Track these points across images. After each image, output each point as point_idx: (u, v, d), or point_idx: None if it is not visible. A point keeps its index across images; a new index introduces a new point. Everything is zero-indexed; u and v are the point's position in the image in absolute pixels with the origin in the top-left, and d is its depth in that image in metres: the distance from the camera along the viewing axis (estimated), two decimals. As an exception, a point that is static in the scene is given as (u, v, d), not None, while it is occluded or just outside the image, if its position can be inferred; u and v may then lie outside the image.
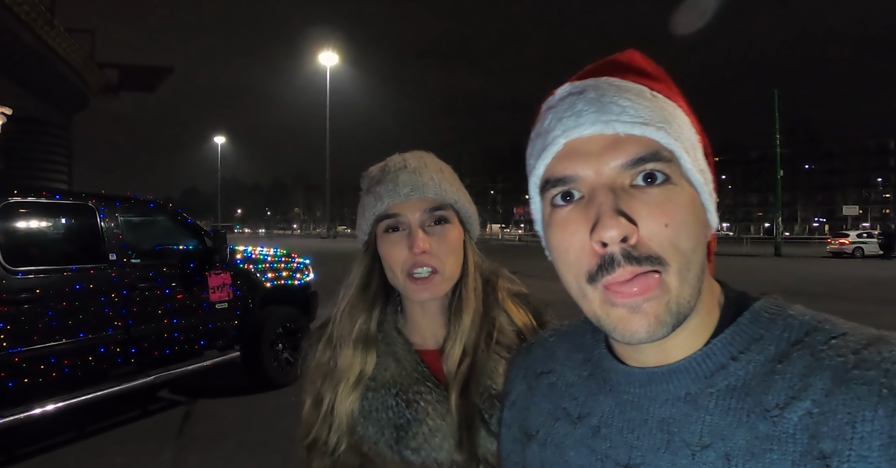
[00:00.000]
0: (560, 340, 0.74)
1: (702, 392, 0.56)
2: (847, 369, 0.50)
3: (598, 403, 0.64)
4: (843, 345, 0.52)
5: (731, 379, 0.55)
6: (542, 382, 0.72)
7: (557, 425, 0.67)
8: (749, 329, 0.57)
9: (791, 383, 0.52)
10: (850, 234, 33.31)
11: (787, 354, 0.53)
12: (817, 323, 0.55)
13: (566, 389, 0.68)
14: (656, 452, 0.57)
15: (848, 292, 14.62)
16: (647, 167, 0.54)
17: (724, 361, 0.56)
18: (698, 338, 0.58)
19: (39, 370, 4.00)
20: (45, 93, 32.31)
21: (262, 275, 6.02)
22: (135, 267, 4.70)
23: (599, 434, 0.62)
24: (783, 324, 0.56)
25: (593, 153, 0.55)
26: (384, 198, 1.00)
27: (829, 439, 0.48)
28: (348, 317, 1.05)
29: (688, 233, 0.54)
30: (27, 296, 3.95)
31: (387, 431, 0.98)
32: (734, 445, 0.52)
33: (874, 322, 0.54)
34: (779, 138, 33.28)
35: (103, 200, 4.62)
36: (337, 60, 64.73)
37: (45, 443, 4.51)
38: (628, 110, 0.55)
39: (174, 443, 4.63)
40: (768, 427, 0.51)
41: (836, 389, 0.49)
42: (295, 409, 4.52)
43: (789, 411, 0.51)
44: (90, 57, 36.21)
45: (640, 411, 0.59)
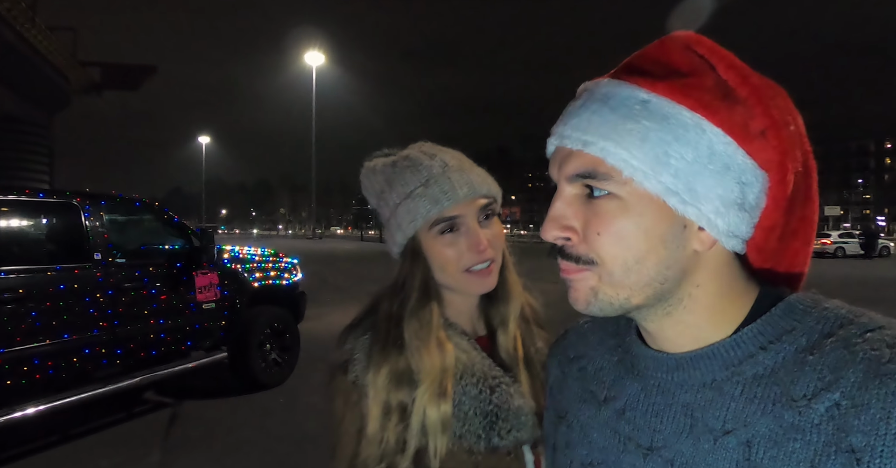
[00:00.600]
0: (594, 326, 0.76)
1: (728, 379, 0.56)
2: (882, 363, 0.49)
3: (625, 387, 0.65)
4: (878, 339, 0.51)
5: (758, 367, 0.55)
6: (574, 367, 0.74)
7: (583, 407, 0.69)
8: (782, 320, 0.56)
9: (821, 374, 0.51)
10: (832, 235, 33.78)
11: (820, 346, 0.53)
12: (853, 316, 0.55)
13: (595, 373, 0.70)
14: (678, 436, 0.57)
15: (830, 291, 14.76)
16: (587, 183, 0.58)
17: (753, 350, 0.56)
18: (719, 330, 0.58)
19: (23, 372, 3.93)
20: (26, 91, 31.85)
21: (249, 275, 5.96)
22: (120, 266, 4.62)
23: (624, 416, 0.63)
24: (817, 317, 0.56)
25: (555, 162, 0.61)
26: (441, 200, 0.98)
27: (861, 433, 0.47)
28: (418, 321, 1.00)
29: (629, 244, 0.56)
30: (10, 296, 3.87)
31: (476, 420, 0.96)
32: (756, 432, 0.52)
33: None
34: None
35: (88, 199, 4.54)
36: (323, 60, 64.54)
37: (28, 447, 4.43)
38: (581, 124, 0.58)
39: (161, 445, 4.57)
40: (793, 416, 0.51)
41: (870, 383, 0.48)
42: (283, 410, 4.48)
43: (817, 402, 0.50)
44: (72, 55, 35.75)
45: (665, 396, 0.60)
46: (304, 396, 5.72)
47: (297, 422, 4.99)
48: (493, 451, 0.97)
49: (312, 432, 4.67)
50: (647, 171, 0.55)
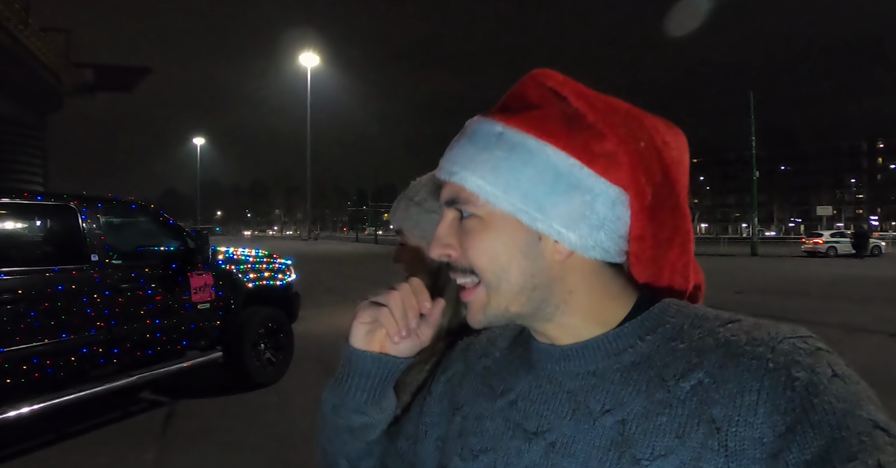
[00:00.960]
0: (504, 331, 0.81)
1: (609, 367, 0.63)
2: (739, 345, 0.56)
3: (520, 380, 0.71)
4: (737, 328, 0.59)
5: (636, 356, 0.62)
6: (479, 364, 0.79)
7: (480, 400, 0.74)
8: (657, 317, 0.64)
9: (689, 358, 0.58)
10: (825, 234, 33.95)
11: (689, 336, 0.61)
12: (717, 313, 0.63)
13: (496, 370, 0.76)
14: (562, 420, 0.63)
15: (820, 290, 14.94)
16: (457, 207, 0.68)
17: (633, 341, 0.63)
18: (599, 329, 0.66)
19: (21, 371, 4.00)
20: (19, 92, 31.70)
21: (243, 276, 6.04)
22: (117, 267, 4.71)
23: (516, 406, 0.69)
24: (687, 314, 0.64)
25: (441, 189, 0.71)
26: None
27: (720, 406, 0.54)
28: None
29: (493, 256, 0.65)
30: (9, 297, 3.95)
31: None
32: (631, 411, 0.59)
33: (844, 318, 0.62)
34: (754, 140, 33.80)
35: (85, 201, 4.62)
36: (317, 61, 64.46)
37: (26, 445, 4.50)
38: (449, 159, 0.68)
39: (157, 443, 4.65)
40: (663, 394, 0.58)
41: (729, 363, 0.55)
42: (276, 408, 4.58)
43: (684, 380, 0.57)
44: (66, 56, 35.59)
45: (553, 384, 0.67)
46: (298, 395, 5.80)
47: (291, 420, 5.08)
48: None
49: (305, 430, 4.74)
50: (499, 194, 0.64)
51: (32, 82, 32.70)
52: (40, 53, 33.02)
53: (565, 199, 0.63)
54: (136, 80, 42.98)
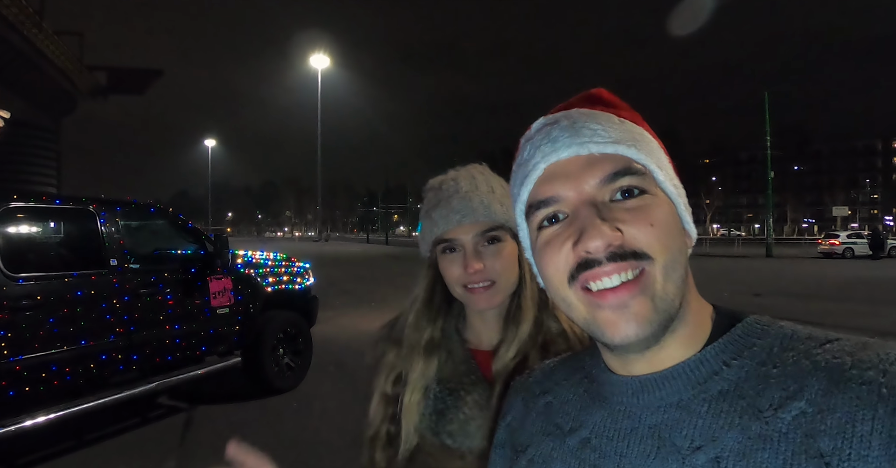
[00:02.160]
0: (560, 364, 0.76)
1: (695, 397, 0.57)
2: (844, 370, 0.50)
3: (591, 416, 0.64)
4: (838, 349, 0.53)
5: (723, 383, 0.56)
6: (539, 402, 0.72)
7: (547, 440, 0.67)
8: (742, 338, 0.58)
9: (785, 385, 0.52)
10: (841, 235, 33.59)
11: (781, 359, 0.54)
12: (809, 332, 0.57)
13: (560, 407, 0.69)
14: (646, 458, 0.57)
15: (840, 292, 14.74)
16: (624, 181, 0.59)
17: (718, 367, 0.57)
18: (689, 349, 0.59)
19: (41, 378, 3.94)
20: (33, 96, 32.05)
21: (262, 280, 5.97)
22: (136, 272, 4.64)
23: (589, 445, 0.62)
24: (776, 334, 0.57)
25: (572, 174, 0.60)
26: (439, 223, 1.09)
27: (828, 437, 0.48)
28: (415, 328, 1.14)
29: (671, 234, 0.58)
30: (28, 303, 3.89)
31: (429, 415, 1.08)
32: (725, 447, 0.52)
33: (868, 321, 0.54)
34: (769, 140, 33.50)
35: (104, 205, 4.56)
36: (328, 63, 64.64)
37: (46, 452, 4.45)
38: (599, 132, 0.60)
39: (177, 451, 4.58)
40: (761, 427, 0.51)
41: (834, 389, 0.50)
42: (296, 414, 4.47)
43: (783, 411, 0.51)
44: (79, 60, 35.97)
45: (631, 420, 0.60)
46: (317, 400, 5.72)
47: (311, 427, 5.00)
48: (446, 449, 1.05)
49: (325, 436, 4.67)
50: (661, 173, 0.61)
51: (46, 86, 33.05)
52: (54, 57, 33.39)
53: (682, 190, 0.63)
54: (149, 82, 43.35)
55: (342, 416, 4.98)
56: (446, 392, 1.08)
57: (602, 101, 0.66)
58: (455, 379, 1.10)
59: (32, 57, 30.81)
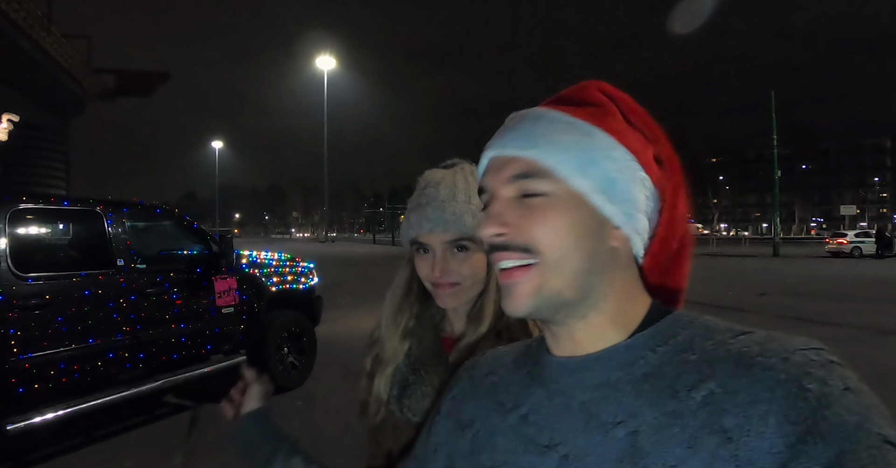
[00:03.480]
0: (510, 349, 0.82)
1: (622, 378, 0.63)
2: (752, 357, 0.56)
3: (531, 395, 0.70)
4: (749, 340, 0.59)
5: (647, 367, 0.62)
6: (486, 381, 0.79)
7: (491, 416, 0.73)
8: (669, 328, 0.64)
9: (700, 369, 0.58)
10: (849, 234, 33.35)
11: (701, 347, 0.61)
12: (728, 325, 0.63)
13: (505, 387, 0.75)
14: (575, 432, 0.63)
15: (846, 291, 14.67)
16: (525, 184, 0.66)
17: (644, 353, 0.63)
18: (617, 335, 0.66)
19: (49, 376, 4.02)
20: (42, 98, 32.22)
21: (267, 280, 6.04)
22: (142, 272, 4.72)
23: (527, 421, 0.68)
24: (699, 325, 0.64)
25: (492, 169, 0.69)
26: (414, 227, 1.19)
27: (731, 416, 0.54)
28: (392, 316, 1.24)
29: (561, 233, 0.64)
30: (37, 303, 3.97)
31: (393, 389, 1.19)
32: (643, 421, 0.59)
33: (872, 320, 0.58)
34: (776, 138, 33.35)
35: (111, 206, 4.64)
36: (334, 64, 64.78)
37: (54, 449, 4.52)
38: (517, 137, 0.68)
39: (183, 449, 4.63)
40: (675, 405, 0.58)
41: (741, 373, 0.56)
42: (301, 413, 4.52)
43: (695, 391, 0.57)
44: (87, 62, 36.13)
45: (565, 397, 0.66)
46: (322, 399, 5.78)
47: (316, 425, 5.05)
48: (409, 423, 1.14)
49: (330, 434, 4.72)
50: (574, 173, 0.65)
51: (55, 88, 33.23)
52: (62, 60, 33.54)
53: (632, 188, 0.67)
54: (156, 85, 43.51)
55: (346, 415, 5.02)
56: (410, 371, 1.19)
57: (571, 100, 0.72)
58: (420, 359, 1.20)
59: (41, 60, 30.98)
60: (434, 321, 1.27)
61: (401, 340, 1.22)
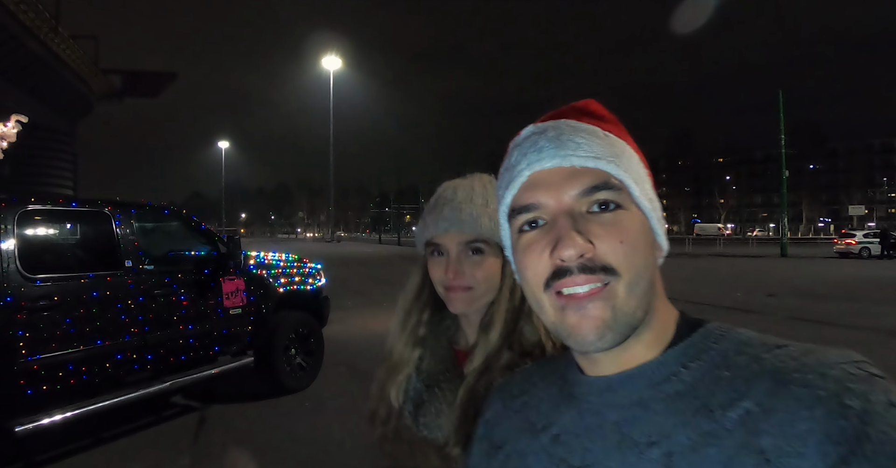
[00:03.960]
0: (538, 367, 0.81)
1: (653, 396, 0.61)
2: (788, 373, 0.54)
3: (561, 414, 0.69)
4: (784, 354, 0.57)
5: (679, 385, 0.60)
6: (517, 402, 0.77)
7: (522, 437, 0.72)
8: (701, 343, 0.62)
9: (735, 386, 0.56)
10: (857, 234, 33.14)
11: (735, 362, 0.59)
12: (763, 338, 0.61)
13: (535, 406, 0.73)
14: (607, 453, 0.61)
15: (855, 292, 14.57)
16: (601, 195, 0.62)
17: (676, 369, 0.61)
18: (652, 351, 0.64)
19: (57, 377, 4.02)
20: (49, 99, 32.42)
21: (274, 281, 6.03)
22: (150, 273, 4.71)
23: (559, 441, 0.67)
24: (732, 339, 0.61)
25: (553, 184, 0.64)
26: (430, 228, 1.18)
27: (769, 435, 0.52)
28: (402, 321, 1.22)
29: (639, 251, 0.62)
30: (45, 304, 3.96)
31: (408, 406, 1.17)
32: (677, 442, 0.57)
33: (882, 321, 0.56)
34: (784, 138, 33.17)
35: (119, 207, 4.64)
36: (340, 64, 64.86)
37: (62, 450, 4.52)
38: (583, 146, 0.64)
39: (191, 450, 4.63)
40: (710, 425, 0.55)
41: (778, 390, 0.54)
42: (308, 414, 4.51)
43: (731, 410, 0.55)
44: (94, 63, 36.33)
45: (596, 417, 0.64)
46: (329, 400, 5.77)
47: (323, 426, 5.04)
48: (424, 439, 1.13)
49: (338, 436, 4.71)
50: (636, 188, 0.64)
51: (63, 89, 33.42)
52: (70, 61, 33.74)
53: (657, 202, 0.67)
54: (163, 85, 43.71)
55: (354, 416, 5.01)
56: (424, 387, 1.17)
57: (590, 114, 0.70)
58: (434, 375, 1.18)
59: (49, 61, 31.17)
60: (448, 334, 1.25)
61: (410, 347, 1.20)
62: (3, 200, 3.94)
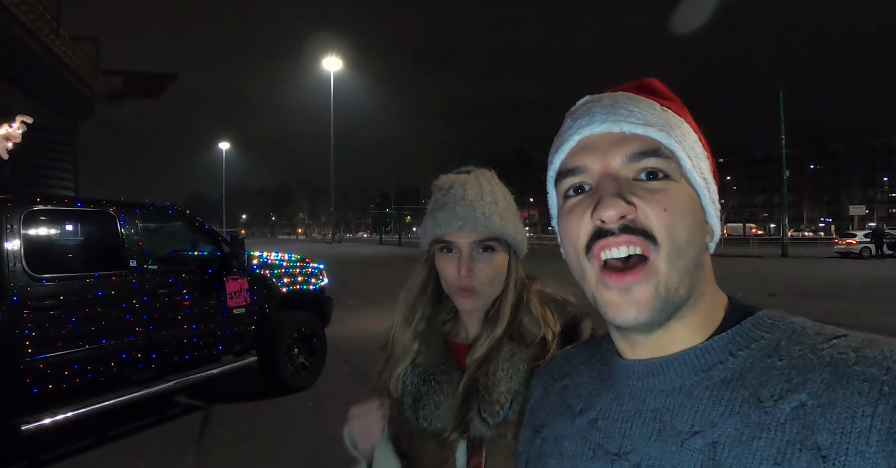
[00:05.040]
0: (580, 350, 0.80)
1: (698, 384, 0.58)
2: (849, 365, 0.51)
3: (600, 398, 0.67)
4: (844, 344, 0.53)
5: (727, 372, 0.57)
6: (557, 385, 0.76)
7: (559, 420, 0.71)
8: (751, 331, 0.59)
9: (789, 377, 0.53)
10: (858, 234, 33.11)
11: (788, 352, 0.55)
12: (819, 328, 0.57)
13: (575, 389, 0.72)
14: (647, 440, 0.59)
15: (856, 291, 14.57)
16: (649, 163, 0.61)
17: (723, 357, 0.59)
18: (697, 336, 0.61)
19: (63, 376, 4.03)
20: (50, 100, 32.44)
21: (278, 281, 6.05)
22: (155, 273, 4.73)
23: (596, 425, 0.65)
24: (785, 328, 0.58)
25: (601, 148, 0.63)
26: (441, 225, 1.17)
27: (827, 432, 0.49)
28: (406, 316, 1.24)
29: (684, 224, 0.59)
30: (50, 303, 3.98)
31: (407, 399, 1.19)
32: (723, 433, 0.54)
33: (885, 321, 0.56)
34: (784, 139, 33.15)
35: (123, 207, 4.66)
36: (340, 65, 64.86)
37: (67, 449, 4.55)
38: (635, 114, 0.63)
39: (195, 449, 4.65)
40: (759, 416, 0.53)
41: (837, 384, 0.50)
42: (311, 413, 4.52)
43: (783, 402, 0.52)
44: (95, 64, 36.36)
45: (636, 402, 0.62)
46: (332, 399, 5.78)
47: (326, 425, 5.05)
48: (423, 431, 1.15)
49: (340, 435, 4.72)
50: (688, 161, 0.63)
51: (63, 90, 33.43)
52: (70, 62, 33.75)
53: (712, 183, 0.66)
54: (164, 86, 43.70)
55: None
56: (421, 380, 1.19)
57: (650, 90, 0.69)
58: (430, 368, 1.20)
59: (50, 62, 31.20)
60: (442, 327, 1.27)
61: (412, 340, 1.22)
62: (9, 200, 3.96)
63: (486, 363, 1.13)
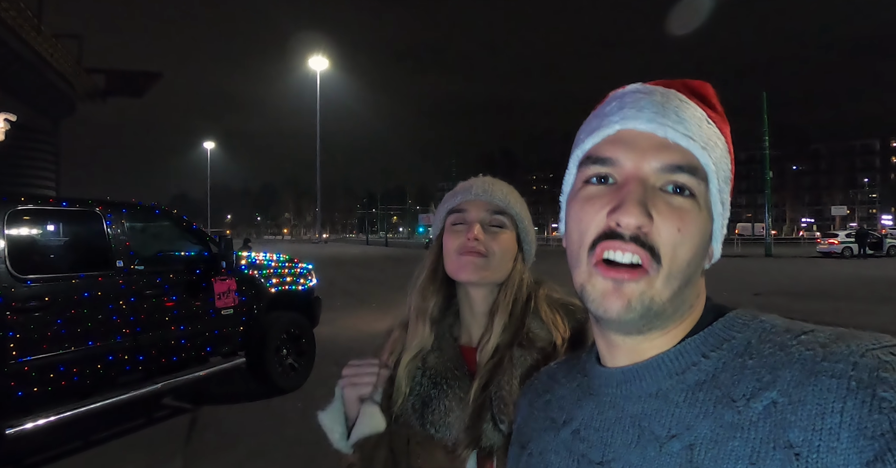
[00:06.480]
0: (561, 365, 0.79)
1: (673, 387, 0.58)
2: (816, 361, 0.51)
3: (581, 408, 0.67)
4: (811, 340, 0.53)
5: (700, 374, 0.57)
6: (541, 400, 0.76)
7: (544, 434, 0.70)
8: (722, 331, 0.60)
9: (759, 375, 0.53)
10: (840, 234, 33.64)
11: (759, 350, 0.55)
12: (788, 324, 0.57)
13: (557, 402, 0.72)
14: (627, 447, 0.59)
15: (840, 291, 14.77)
16: (681, 178, 0.59)
17: (696, 359, 0.59)
18: (672, 341, 0.61)
19: (48, 378, 3.97)
20: (32, 98, 31.97)
21: (266, 281, 6.00)
22: (141, 274, 4.67)
23: (579, 436, 0.65)
24: (755, 327, 0.59)
25: (640, 148, 0.60)
26: (458, 195, 1.21)
27: (798, 429, 0.48)
28: (421, 295, 1.22)
29: (690, 247, 0.58)
30: (36, 305, 3.92)
31: (414, 402, 1.15)
32: (699, 435, 0.54)
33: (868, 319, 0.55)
34: (767, 140, 33.53)
35: (110, 207, 4.59)
36: (326, 65, 64.63)
37: (54, 452, 4.48)
38: (685, 123, 0.60)
39: (183, 451, 4.60)
40: (733, 416, 0.53)
41: (806, 381, 0.50)
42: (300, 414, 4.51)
43: (755, 401, 0.52)
44: (78, 62, 35.90)
45: (616, 410, 0.62)
46: (321, 400, 5.74)
47: (315, 427, 5.01)
48: (429, 438, 1.11)
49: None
50: (716, 184, 0.61)
51: (45, 88, 32.97)
52: (52, 59, 33.31)
53: (728, 209, 0.65)
54: (148, 85, 43.28)
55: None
56: (431, 384, 1.16)
57: (703, 98, 0.66)
58: (441, 372, 1.17)
59: (31, 60, 30.76)
60: (452, 332, 1.25)
61: (426, 325, 1.19)
62: (-7, 200, 3.89)
63: (497, 371, 1.11)
